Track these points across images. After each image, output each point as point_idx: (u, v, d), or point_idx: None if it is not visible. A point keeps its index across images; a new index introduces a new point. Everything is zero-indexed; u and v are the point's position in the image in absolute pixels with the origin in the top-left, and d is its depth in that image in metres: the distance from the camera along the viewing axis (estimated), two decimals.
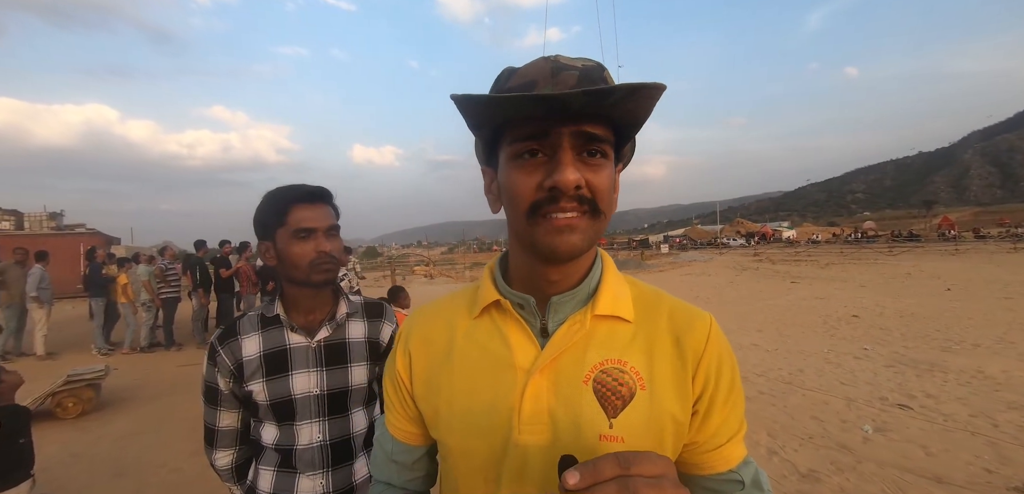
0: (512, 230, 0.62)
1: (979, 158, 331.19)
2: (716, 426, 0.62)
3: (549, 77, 0.55)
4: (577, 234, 0.55)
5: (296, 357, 1.10)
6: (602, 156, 0.56)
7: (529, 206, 0.55)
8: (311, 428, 1.09)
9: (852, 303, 10.23)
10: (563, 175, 0.52)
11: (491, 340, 0.65)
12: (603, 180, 0.56)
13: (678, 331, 0.63)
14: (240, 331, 1.11)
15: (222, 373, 1.10)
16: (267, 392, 1.07)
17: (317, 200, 1.09)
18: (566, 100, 0.50)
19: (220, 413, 1.13)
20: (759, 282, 16.07)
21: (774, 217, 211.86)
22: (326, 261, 1.07)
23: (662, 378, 0.61)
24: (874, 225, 71.74)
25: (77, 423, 4.59)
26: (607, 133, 0.55)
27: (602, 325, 0.63)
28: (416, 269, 32.81)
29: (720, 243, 57.95)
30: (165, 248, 9.30)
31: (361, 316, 1.20)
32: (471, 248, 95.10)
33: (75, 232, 19.52)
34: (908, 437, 3.58)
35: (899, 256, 25.87)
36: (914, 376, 5.03)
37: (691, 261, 31.29)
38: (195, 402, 5.14)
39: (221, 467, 1.18)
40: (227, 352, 1.09)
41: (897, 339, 6.79)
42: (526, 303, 0.63)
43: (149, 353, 7.74)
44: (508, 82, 0.58)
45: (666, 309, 0.66)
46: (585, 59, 0.57)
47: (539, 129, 0.54)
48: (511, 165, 0.57)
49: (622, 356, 0.61)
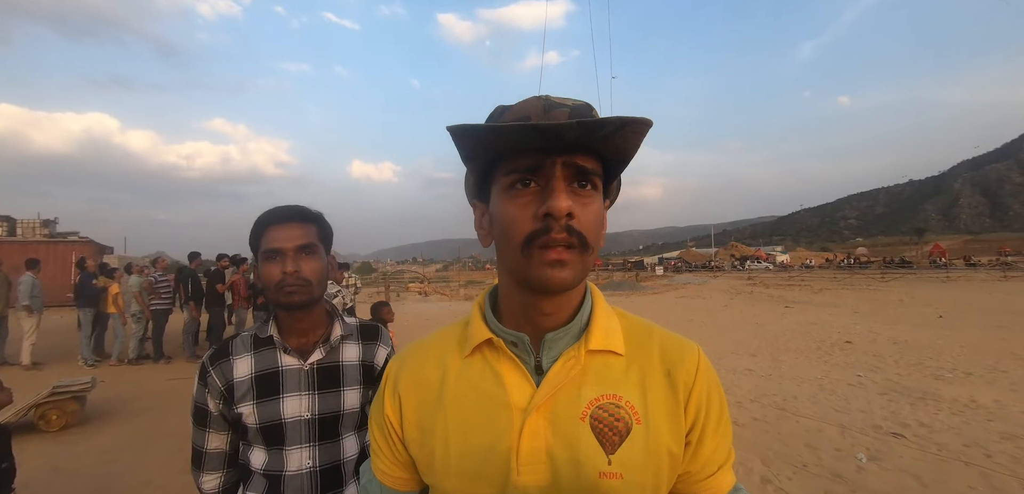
0: (503, 264, 0.62)
1: (969, 187, 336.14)
2: (707, 455, 0.63)
3: (542, 113, 0.57)
4: (567, 269, 0.56)
5: (288, 380, 1.08)
6: (592, 188, 0.58)
7: (524, 238, 0.56)
8: (301, 453, 1.07)
9: (845, 329, 10.26)
10: (556, 202, 0.54)
11: (485, 380, 0.64)
12: (591, 214, 0.57)
13: (669, 363, 0.64)
14: (232, 351, 1.10)
15: (212, 394, 1.08)
16: (257, 415, 1.05)
17: (288, 220, 1.08)
18: (561, 131, 0.52)
19: (208, 435, 1.11)
20: (753, 306, 16.10)
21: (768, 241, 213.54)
22: (291, 283, 1.04)
23: (656, 411, 0.61)
24: (867, 251, 72.37)
25: (60, 436, 4.50)
26: (597, 166, 0.58)
27: (595, 360, 0.63)
28: (411, 286, 32.67)
29: (714, 267, 58.23)
30: (157, 259, 9.24)
31: (356, 338, 1.18)
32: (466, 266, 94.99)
33: (67, 240, 19.33)
34: (902, 466, 3.56)
35: (891, 282, 26.04)
36: (907, 404, 5.03)
37: (685, 284, 31.36)
38: (183, 418, 5.03)
39: (208, 491, 1.14)
40: (218, 372, 1.07)
41: (890, 366, 6.80)
42: (520, 341, 0.63)
43: (137, 365, 7.63)
44: (502, 118, 0.60)
45: (656, 341, 0.66)
46: (574, 99, 0.59)
47: (533, 161, 0.56)
48: (505, 196, 0.58)
49: (616, 391, 0.61)
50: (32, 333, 7.58)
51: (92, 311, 7.96)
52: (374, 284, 28.83)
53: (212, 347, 1.13)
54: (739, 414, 4.81)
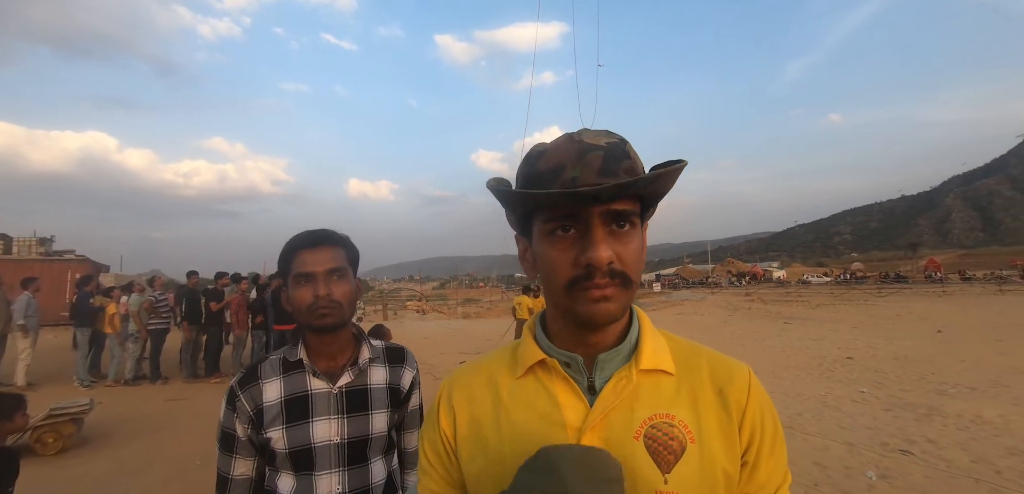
0: (550, 299, 0.65)
1: (960, 202, 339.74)
2: (764, 478, 0.62)
3: (576, 159, 0.57)
4: (613, 304, 0.58)
5: (317, 403, 1.07)
6: (630, 226, 0.59)
7: (567, 283, 0.58)
8: (330, 479, 1.06)
9: (845, 345, 10.26)
10: (596, 253, 0.56)
11: (538, 399, 0.65)
12: (632, 252, 0.59)
13: (720, 383, 0.64)
14: (261, 375, 1.09)
15: (241, 418, 1.06)
16: (286, 440, 1.04)
17: (318, 244, 1.09)
18: (596, 195, 0.54)
19: (235, 461, 1.09)
20: (752, 322, 16.11)
21: (764, 257, 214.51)
22: (324, 305, 1.05)
23: (710, 431, 0.61)
24: (862, 266, 72.69)
25: (57, 460, 4.41)
26: (634, 206, 0.59)
27: (647, 379, 0.63)
28: (408, 304, 32.53)
29: (712, 283, 58.28)
30: (154, 278, 9.16)
31: (383, 361, 1.18)
32: (463, 284, 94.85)
33: (64, 258, 19.19)
34: (912, 484, 3.54)
35: (888, 297, 26.14)
36: (913, 421, 5.02)
37: (683, 300, 31.37)
38: (182, 439, 5.01)
39: None
40: (247, 397, 1.06)
41: (893, 382, 6.79)
42: (573, 361, 0.64)
43: (134, 386, 7.52)
44: (537, 163, 0.61)
45: (705, 361, 0.67)
46: (609, 134, 0.60)
47: (571, 209, 0.57)
48: (545, 241, 0.60)
49: (669, 410, 0.62)
50: (28, 353, 7.48)
51: (89, 331, 7.87)
52: (371, 302, 28.69)
53: (240, 370, 1.12)
54: None
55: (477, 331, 15.79)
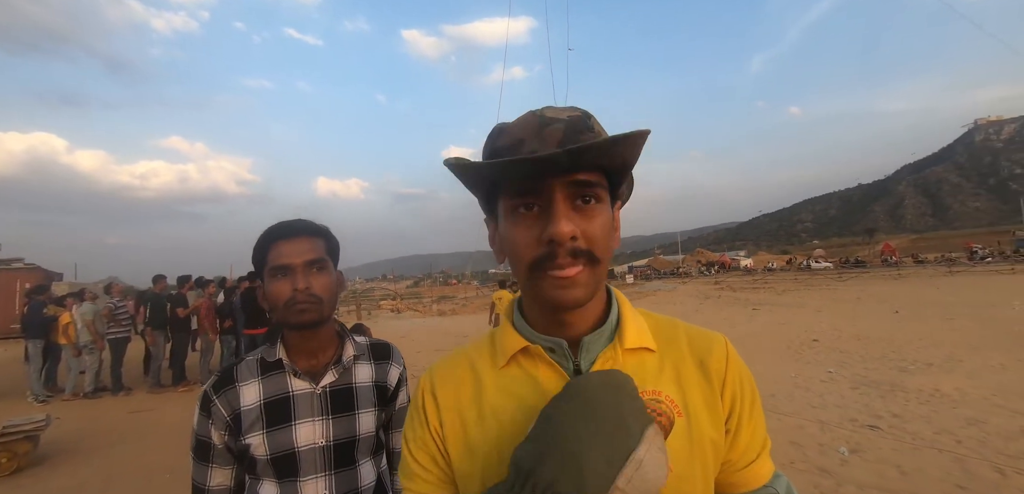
0: (520, 282, 0.63)
1: (912, 189, 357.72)
2: (746, 443, 0.64)
3: (535, 134, 0.56)
4: (579, 288, 0.56)
5: (299, 405, 1.01)
6: (596, 201, 0.57)
7: (530, 263, 0.57)
8: (316, 484, 0.99)
9: (811, 328, 10.65)
10: (557, 227, 0.54)
11: (523, 388, 0.63)
12: (597, 227, 0.57)
13: (700, 354, 0.65)
14: (238, 378, 1.01)
15: (216, 425, 0.99)
16: (267, 445, 0.97)
17: (295, 234, 1.01)
18: (553, 160, 0.52)
19: (212, 470, 1.01)
20: (723, 309, 16.55)
21: (731, 246, 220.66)
22: (302, 300, 0.98)
23: (695, 403, 0.62)
24: (824, 252, 75.66)
25: (11, 481, 4.15)
26: (599, 178, 0.57)
27: (631, 358, 0.63)
28: (382, 303, 32.08)
29: (682, 273, 59.62)
30: (111, 284, 8.72)
31: (368, 358, 1.12)
32: (436, 281, 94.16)
33: (12, 267, 18.07)
34: (881, 457, 3.68)
35: (848, 281, 27.28)
36: (878, 397, 5.23)
37: (656, 290, 31.97)
38: (146, 453, 4.78)
39: None
40: (223, 401, 0.99)
41: (857, 361, 7.08)
42: (557, 346, 0.63)
43: (94, 399, 7.14)
44: (499, 141, 0.60)
45: (684, 335, 0.68)
46: (571, 109, 0.59)
47: (532, 185, 0.56)
48: (509, 220, 0.59)
49: (655, 386, 0.62)
50: None
51: (41, 342, 7.43)
52: (344, 303, 28.16)
53: (215, 374, 1.04)
54: None
55: (454, 328, 15.68)
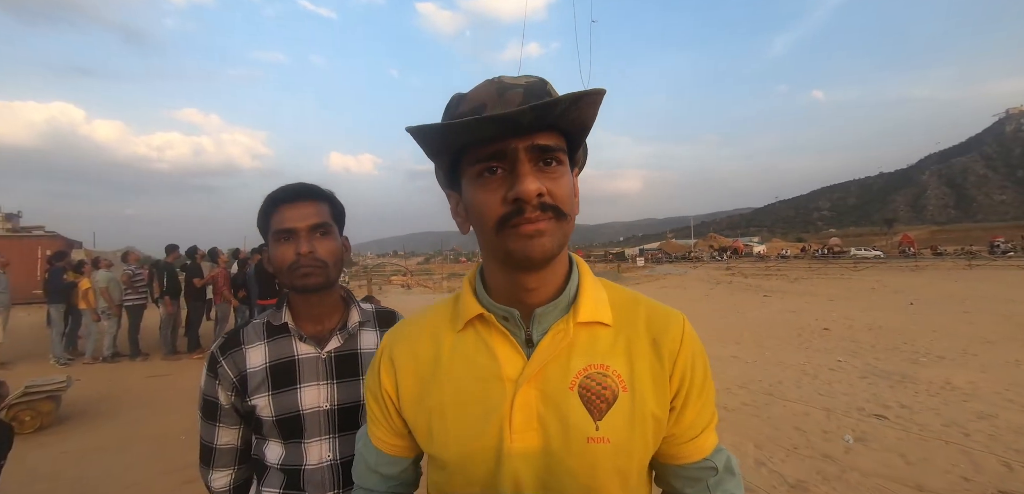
0: (484, 246, 0.64)
1: (935, 180, 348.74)
2: (691, 419, 0.66)
3: (496, 98, 0.57)
4: (546, 237, 0.57)
5: (305, 369, 1.03)
6: (557, 163, 0.59)
7: (496, 221, 0.58)
8: (321, 446, 1.02)
9: (823, 316, 10.54)
10: (524, 186, 0.55)
11: (478, 353, 0.66)
12: (562, 186, 0.58)
13: (655, 332, 0.67)
14: (244, 340, 1.03)
15: (223, 385, 1.01)
16: (273, 407, 1.00)
17: (300, 198, 1.02)
18: (516, 117, 0.53)
19: (219, 429, 1.05)
20: (733, 295, 16.43)
21: (745, 232, 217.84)
22: (306, 264, 0.98)
23: (642, 379, 0.64)
24: (840, 241, 74.39)
25: (35, 438, 4.31)
26: (559, 141, 0.59)
27: (584, 332, 0.65)
28: (393, 279, 32.40)
29: (694, 257, 59.13)
30: (128, 253, 8.90)
31: (373, 325, 1.13)
32: (447, 259, 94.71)
33: (33, 234, 18.56)
34: (887, 446, 3.67)
35: (863, 271, 26.86)
36: (887, 387, 5.19)
37: (666, 274, 31.82)
38: (163, 417, 4.93)
39: (218, 489, 1.08)
40: (230, 363, 1.01)
41: (868, 351, 7.01)
42: (511, 316, 0.64)
43: (113, 363, 7.36)
44: (459, 108, 0.60)
45: (643, 312, 0.69)
46: (528, 76, 0.60)
47: (496, 148, 0.56)
48: (474, 185, 0.59)
49: (604, 361, 0.64)
50: (0, 330, 7.26)
51: (63, 307, 7.65)
52: (356, 277, 28.48)
53: (220, 337, 1.06)
54: (728, 399, 4.89)
55: None
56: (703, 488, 0.67)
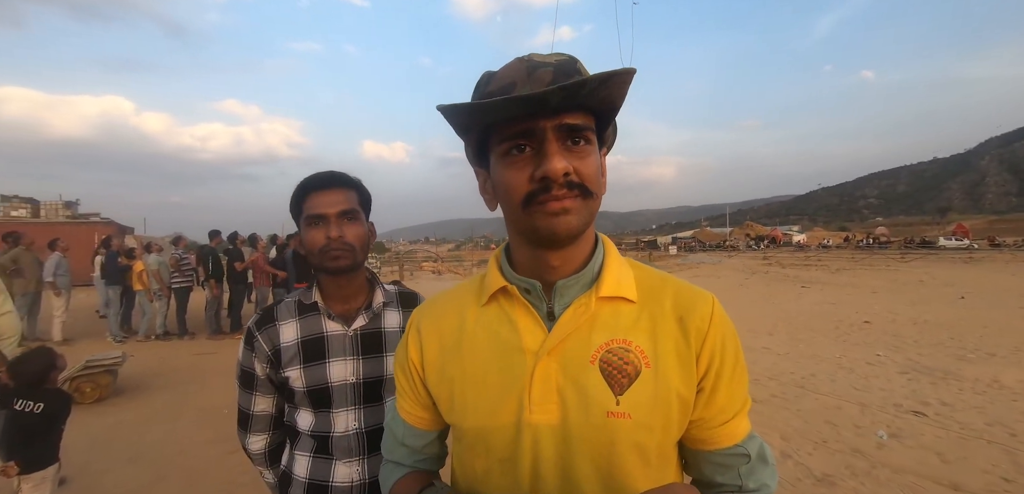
0: (510, 223, 0.64)
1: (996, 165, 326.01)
2: (722, 403, 0.64)
3: (526, 77, 0.57)
4: (572, 215, 0.58)
5: (333, 345, 1.11)
6: (585, 142, 0.59)
7: (523, 198, 0.58)
8: (347, 416, 1.10)
9: (864, 309, 10.12)
10: (551, 164, 0.56)
11: (500, 325, 0.67)
12: (589, 165, 0.59)
13: (682, 311, 0.65)
14: (278, 317, 1.12)
15: (259, 358, 1.10)
16: (304, 379, 1.08)
17: (329, 186, 1.09)
18: (544, 97, 0.53)
19: (255, 398, 1.14)
20: (769, 286, 15.95)
21: (784, 221, 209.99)
22: (336, 248, 1.06)
23: (666, 357, 0.63)
24: (886, 231, 70.71)
25: (94, 408, 4.67)
26: (588, 120, 0.59)
27: (606, 307, 0.65)
28: (424, 265, 32.94)
29: (729, 246, 57.51)
30: (179, 238, 9.42)
31: (396, 305, 1.21)
32: (478, 246, 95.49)
33: (90, 221, 19.80)
34: (923, 444, 3.54)
35: (911, 262, 25.53)
36: (929, 384, 4.98)
37: (699, 263, 31.13)
38: (209, 392, 5.23)
39: (255, 451, 1.19)
40: (265, 337, 1.10)
41: (910, 346, 6.71)
42: (532, 288, 0.65)
43: (163, 341, 7.85)
44: (488, 86, 0.60)
45: (670, 290, 0.68)
46: (559, 54, 0.59)
47: (524, 127, 0.57)
48: (502, 163, 0.60)
49: (627, 336, 0.63)
50: (62, 310, 7.84)
51: (119, 288, 8.18)
52: (388, 263, 29.13)
53: (257, 313, 1.16)
54: (757, 391, 4.81)
55: None
56: (735, 475, 0.65)
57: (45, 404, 2.21)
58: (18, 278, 7.26)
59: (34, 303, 7.65)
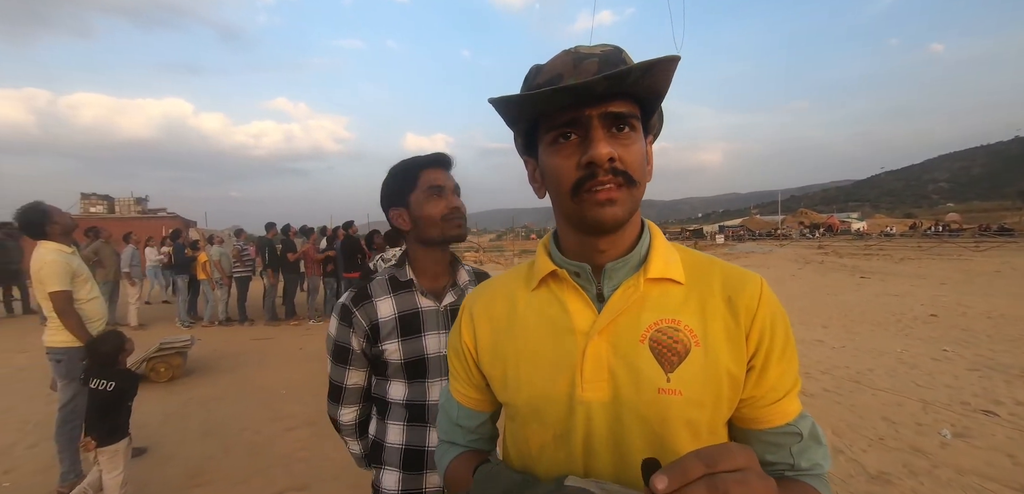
0: (558, 210, 0.67)
1: None
2: (773, 381, 0.64)
3: (572, 68, 0.60)
4: (618, 205, 0.60)
5: (427, 319, 1.19)
6: (631, 129, 0.61)
7: (572, 185, 0.61)
8: (440, 385, 1.19)
9: (930, 301, 9.47)
10: (596, 150, 0.58)
11: (550, 307, 0.69)
12: (634, 153, 0.60)
13: (730, 291, 0.66)
14: (373, 294, 1.19)
15: (357, 333, 1.16)
16: (401, 351, 1.16)
17: (442, 164, 1.21)
18: (590, 86, 0.55)
19: (349, 371, 1.20)
20: (824, 276, 15.17)
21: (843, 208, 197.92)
22: (457, 215, 1.18)
23: (715, 336, 0.64)
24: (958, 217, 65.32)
25: (168, 386, 5.09)
26: (633, 109, 0.61)
27: (655, 288, 0.66)
28: (466, 255, 33.39)
29: (781, 235, 54.89)
30: (240, 231, 10.02)
31: (475, 283, 1.29)
32: (519, 236, 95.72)
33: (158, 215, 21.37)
34: (993, 445, 3.32)
35: (987, 252, 23.55)
36: (1002, 382, 4.63)
37: (748, 253, 29.94)
38: (269, 372, 5.56)
39: (346, 422, 1.26)
40: (363, 313, 1.16)
41: (983, 341, 6.24)
42: (582, 271, 0.67)
43: (226, 327, 8.41)
44: (537, 79, 0.63)
45: (718, 272, 0.69)
46: (604, 45, 0.61)
47: (571, 116, 0.59)
48: (550, 151, 0.63)
49: (676, 316, 0.65)
50: (137, 298, 8.54)
51: (187, 277, 8.83)
52: None
53: (350, 291, 1.22)
54: (809, 385, 4.64)
55: None
56: (786, 454, 0.64)
57: (116, 382, 2.44)
58: (99, 269, 7.95)
59: (113, 292, 8.38)
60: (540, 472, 0.69)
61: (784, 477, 0.65)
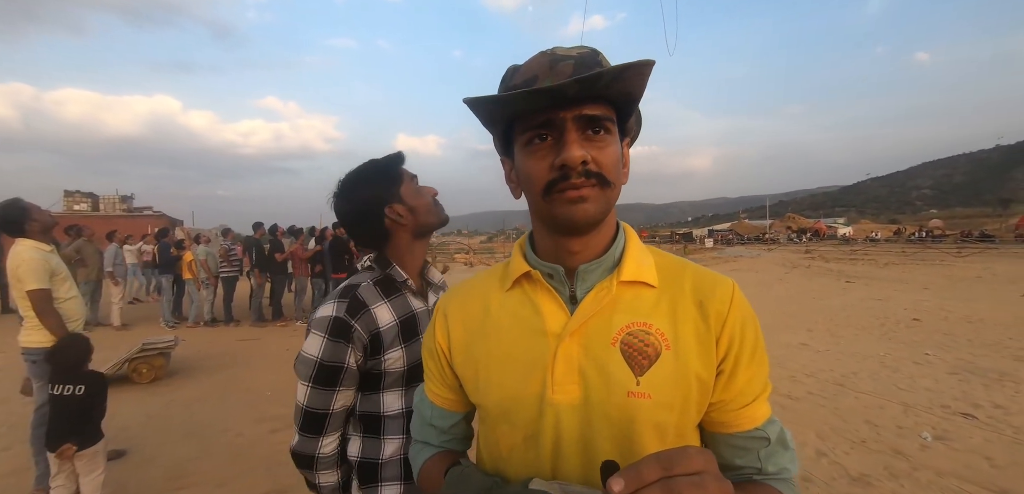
0: (533, 211, 0.67)
1: None
2: (741, 386, 0.64)
3: (548, 70, 0.60)
4: (590, 204, 0.60)
5: (421, 321, 1.14)
6: (605, 132, 0.61)
7: (544, 186, 0.61)
8: None
9: (913, 306, 9.62)
10: (569, 153, 0.58)
11: (523, 309, 0.69)
12: (608, 155, 0.61)
13: (702, 295, 0.66)
14: (368, 301, 1.07)
15: (356, 347, 1.04)
16: (406, 358, 1.09)
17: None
18: (563, 89, 0.55)
19: (338, 395, 1.05)
20: (810, 280, 15.35)
21: (829, 213, 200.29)
22: (437, 200, 1.21)
23: (686, 339, 0.64)
24: (941, 223, 66.48)
25: (150, 388, 5.01)
26: (608, 112, 0.61)
27: (627, 291, 0.66)
28: (456, 257, 33.31)
29: (769, 239, 55.47)
30: (227, 230, 9.90)
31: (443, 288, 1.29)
32: (510, 237, 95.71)
33: (144, 214, 21.03)
34: (971, 447, 3.38)
35: (968, 258, 24.01)
36: (981, 385, 4.72)
37: (737, 256, 30.22)
38: (255, 374, 5.50)
39: (328, 455, 1.08)
40: (362, 325, 1.04)
41: (963, 345, 6.36)
42: (555, 273, 0.67)
43: (211, 327, 8.29)
44: (513, 79, 0.63)
45: (690, 275, 0.69)
46: (581, 47, 0.62)
47: (545, 118, 0.59)
48: (524, 152, 0.63)
49: (647, 319, 0.65)
50: (120, 298, 8.40)
51: (171, 276, 8.70)
52: None
53: (337, 302, 1.06)
54: (793, 388, 4.69)
55: None
56: (754, 458, 0.65)
57: (86, 386, 2.39)
58: (81, 267, 7.81)
59: (96, 291, 8.23)
60: (510, 474, 0.69)
61: (751, 481, 0.65)
